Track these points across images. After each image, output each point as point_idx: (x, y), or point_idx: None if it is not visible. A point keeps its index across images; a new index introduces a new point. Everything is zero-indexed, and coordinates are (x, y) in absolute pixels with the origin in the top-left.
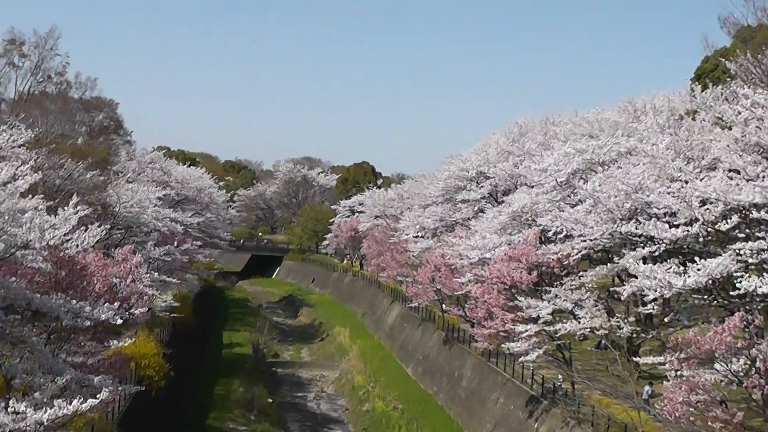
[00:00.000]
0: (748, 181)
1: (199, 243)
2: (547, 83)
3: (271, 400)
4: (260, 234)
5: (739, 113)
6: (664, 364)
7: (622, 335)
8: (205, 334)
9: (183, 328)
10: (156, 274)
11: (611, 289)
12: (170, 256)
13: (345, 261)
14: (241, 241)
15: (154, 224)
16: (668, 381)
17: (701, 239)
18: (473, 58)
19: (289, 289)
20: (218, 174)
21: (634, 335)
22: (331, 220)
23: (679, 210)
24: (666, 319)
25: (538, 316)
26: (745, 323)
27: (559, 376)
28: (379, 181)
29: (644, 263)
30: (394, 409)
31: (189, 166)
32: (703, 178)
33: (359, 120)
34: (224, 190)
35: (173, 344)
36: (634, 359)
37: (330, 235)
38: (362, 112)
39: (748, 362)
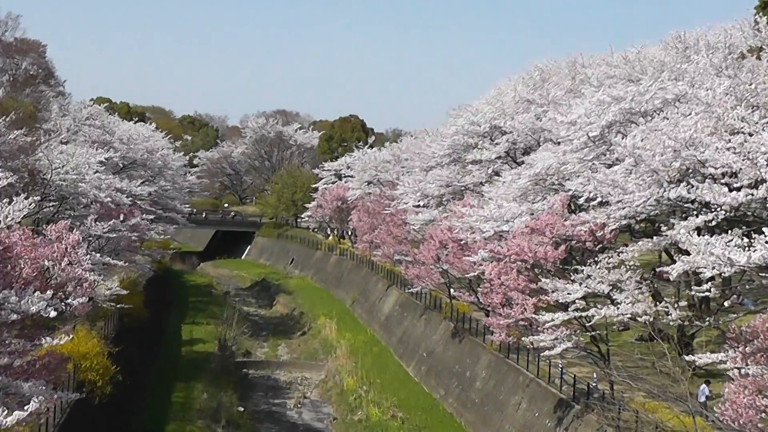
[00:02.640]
0: None
1: (151, 217)
2: (571, 19)
3: (242, 409)
4: (226, 205)
5: None
6: (725, 361)
7: (672, 324)
8: (160, 329)
9: (133, 322)
10: (98, 255)
11: (658, 268)
12: (115, 233)
13: (330, 237)
14: (203, 215)
15: (94, 194)
16: (730, 380)
17: None
18: None
19: (262, 272)
20: (173, 132)
21: (687, 323)
22: (314, 187)
23: (741, 169)
24: (726, 304)
25: (567, 301)
26: None
27: (594, 375)
28: (371, 139)
29: (698, 235)
30: (393, 418)
31: (136, 122)
32: None
33: (344, 68)
34: (181, 152)
35: (121, 341)
36: (687, 354)
37: (312, 205)
38: (348, 58)
39: None
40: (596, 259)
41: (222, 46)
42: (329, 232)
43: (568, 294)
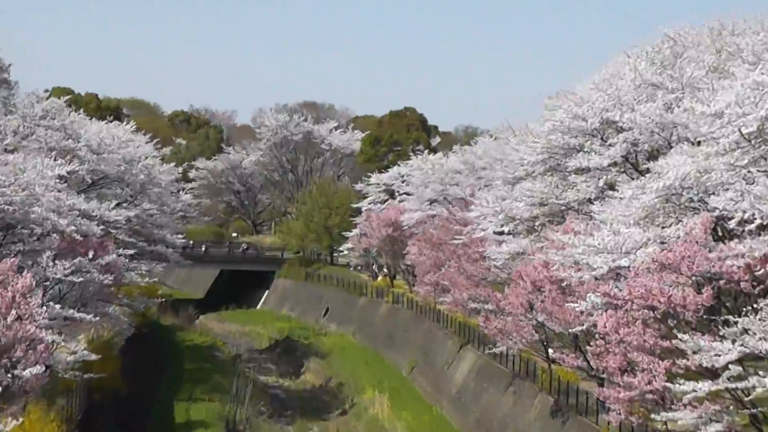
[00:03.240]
0: None
1: (131, 252)
2: None
3: None
4: (235, 235)
5: None
6: None
7: None
8: (144, 407)
9: (106, 398)
10: (58, 306)
11: None
12: (82, 276)
13: (380, 278)
14: (203, 248)
15: (52, 222)
16: None
17: None
18: None
19: (285, 326)
20: (161, 134)
21: None
22: (355, 208)
23: None
24: None
25: (716, 365)
26: None
27: None
28: (434, 141)
29: None
30: None
31: (110, 121)
32: None
33: (395, 46)
34: (173, 163)
35: (90, 425)
36: None
37: (353, 233)
38: (399, 32)
39: None
40: (756, 305)
41: (226, 15)
42: (378, 271)
43: (717, 355)
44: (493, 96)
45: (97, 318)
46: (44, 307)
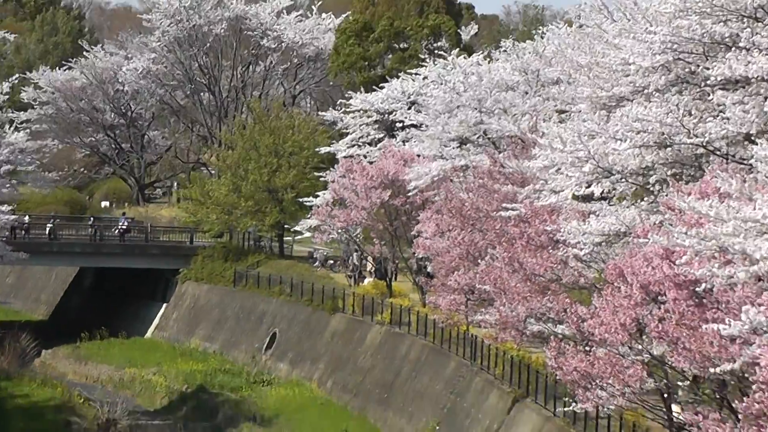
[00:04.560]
0: None
1: None
2: None
3: None
4: (106, 205)
5: None
6: None
7: None
8: None
9: None
10: None
11: None
12: None
13: (368, 280)
14: (48, 229)
15: None
16: None
17: None
18: None
19: (198, 369)
20: None
21: None
22: (324, 151)
23: None
24: None
25: None
26: None
27: None
28: (468, 32)
29: None
30: None
31: None
32: None
33: None
34: None
35: None
36: None
37: (320, 200)
38: None
39: None
40: None
41: None
42: (364, 269)
43: None
44: None
45: None
46: None
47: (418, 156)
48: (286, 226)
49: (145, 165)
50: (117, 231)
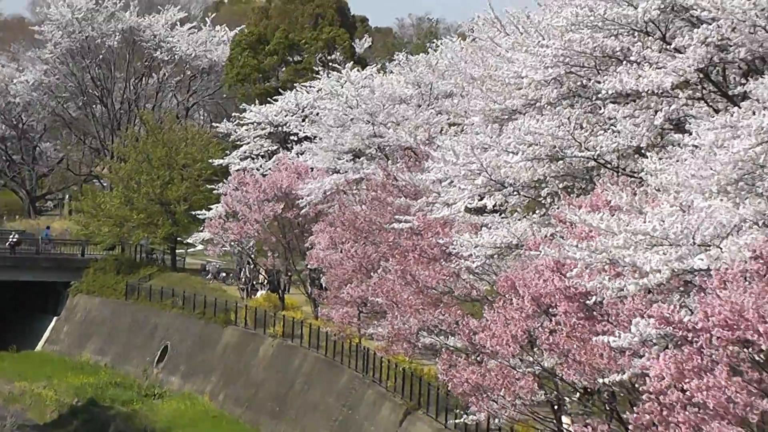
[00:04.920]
0: None
1: None
2: None
3: None
4: None
5: None
6: None
7: None
8: None
9: None
10: None
11: None
12: None
13: (260, 292)
14: None
15: None
16: None
17: None
18: None
19: (89, 382)
20: None
21: None
22: (218, 164)
23: None
24: None
25: None
26: None
27: None
28: (362, 45)
29: None
30: None
31: None
32: None
33: None
34: None
35: None
36: None
37: (213, 213)
38: None
39: None
40: None
41: None
42: (257, 282)
43: None
44: None
45: None
46: None
47: (312, 169)
48: (179, 238)
49: (37, 177)
50: (8, 244)
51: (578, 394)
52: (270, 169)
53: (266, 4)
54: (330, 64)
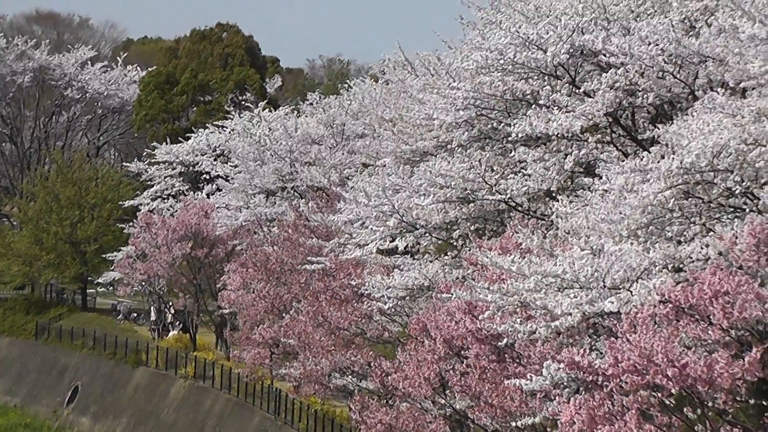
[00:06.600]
0: None
1: None
2: None
3: None
4: None
5: None
6: None
7: None
8: None
9: None
10: None
11: None
12: None
13: (172, 332)
14: None
15: None
16: None
17: None
18: None
19: None
20: None
21: None
22: (128, 204)
23: None
24: None
25: None
26: None
27: None
28: (272, 85)
29: None
30: None
31: None
32: None
33: None
34: None
35: None
36: None
37: (123, 253)
38: None
39: None
40: None
41: None
42: (167, 322)
43: None
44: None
45: None
46: None
47: (226, 207)
48: (89, 278)
49: None
50: None
51: None
52: (179, 208)
53: (174, 44)
54: (242, 103)
